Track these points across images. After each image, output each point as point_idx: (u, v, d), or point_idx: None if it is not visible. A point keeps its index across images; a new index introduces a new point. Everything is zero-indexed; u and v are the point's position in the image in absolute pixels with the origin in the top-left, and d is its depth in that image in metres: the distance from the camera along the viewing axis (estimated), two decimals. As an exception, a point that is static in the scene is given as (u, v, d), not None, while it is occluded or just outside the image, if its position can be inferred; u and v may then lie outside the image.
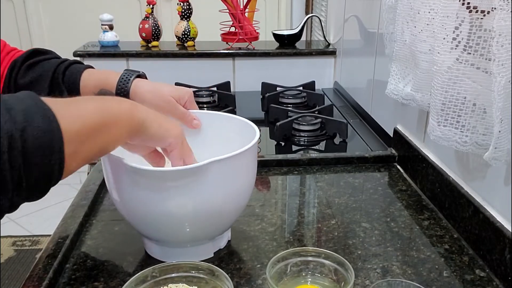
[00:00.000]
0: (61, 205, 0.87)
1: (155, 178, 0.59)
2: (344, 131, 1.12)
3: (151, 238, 0.68)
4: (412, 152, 0.93)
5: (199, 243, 0.67)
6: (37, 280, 0.61)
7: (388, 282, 0.57)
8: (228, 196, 0.63)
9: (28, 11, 3.08)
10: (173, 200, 0.60)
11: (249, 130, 0.71)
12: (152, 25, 1.60)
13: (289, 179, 0.96)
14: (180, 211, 0.61)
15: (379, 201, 0.86)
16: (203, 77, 1.54)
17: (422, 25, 0.71)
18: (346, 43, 1.53)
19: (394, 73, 0.86)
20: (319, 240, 0.74)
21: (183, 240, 0.66)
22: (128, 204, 0.63)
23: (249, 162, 0.65)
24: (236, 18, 1.62)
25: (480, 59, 0.60)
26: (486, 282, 0.64)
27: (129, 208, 0.64)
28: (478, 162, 0.72)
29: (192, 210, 0.61)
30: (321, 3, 2.06)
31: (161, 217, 0.61)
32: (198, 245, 0.67)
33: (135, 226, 0.66)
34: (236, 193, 0.65)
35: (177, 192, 0.59)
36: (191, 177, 0.58)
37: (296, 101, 1.41)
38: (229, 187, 0.63)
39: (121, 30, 1.74)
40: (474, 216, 0.70)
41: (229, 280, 0.56)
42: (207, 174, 0.59)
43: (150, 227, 0.64)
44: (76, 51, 1.55)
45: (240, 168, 0.63)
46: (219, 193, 0.61)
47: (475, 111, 0.64)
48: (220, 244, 0.70)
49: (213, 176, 0.59)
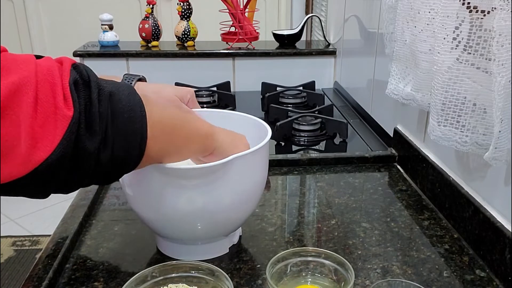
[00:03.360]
0: (61, 205, 0.86)
1: (179, 176, 0.59)
2: (344, 131, 1.12)
3: (165, 236, 0.68)
4: (412, 152, 0.93)
5: (215, 240, 0.68)
6: (37, 280, 0.61)
7: (388, 282, 0.57)
8: (246, 192, 0.65)
9: (28, 11, 3.08)
10: (191, 197, 0.61)
11: (256, 127, 0.71)
12: (152, 25, 1.60)
13: (289, 179, 0.96)
14: (197, 208, 0.61)
15: (379, 201, 0.86)
16: (203, 77, 1.54)
17: (422, 25, 0.71)
18: (346, 43, 1.53)
19: (394, 73, 0.86)
20: (319, 240, 0.74)
21: (198, 237, 0.67)
22: (143, 202, 0.63)
23: (264, 158, 0.67)
24: (236, 18, 1.62)
25: (480, 59, 0.60)
26: (486, 282, 0.64)
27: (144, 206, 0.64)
28: (478, 162, 0.72)
29: (210, 207, 0.62)
30: (321, 3, 2.06)
31: (177, 215, 0.62)
32: (214, 242, 0.68)
33: (150, 224, 0.66)
34: (253, 189, 0.66)
35: (196, 189, 0.60)
36: (213, 174, 0.59)
37: (296, 101, 1.41)
38: (247, 182, 0.64)
39: (121, 30, 1.74)
40: (474, 216, 0.70)
41: (229, 280, 0.56)
42: (229, 170, 0.60)
43: (165, 224, 0.65)
44: (76, 51, 1.55)
45: (259, 164, 0.65)
46: (237, 189, 0.63)
47: (475, 111, 0.63)
48: (233, 240, 0.71)
49: (233, 172, 0.60)
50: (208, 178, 0.60)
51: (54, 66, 0.42)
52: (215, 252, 0.69)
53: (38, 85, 0.40)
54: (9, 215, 2.55)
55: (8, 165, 0.38)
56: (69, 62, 0.44)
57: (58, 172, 0.42)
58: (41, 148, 0.40)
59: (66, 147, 0.41)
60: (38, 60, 0.42)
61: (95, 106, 0.43)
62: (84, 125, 0.42)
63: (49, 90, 0.40)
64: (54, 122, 0.40)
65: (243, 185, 0.63)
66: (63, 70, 0.42)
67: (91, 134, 0.43)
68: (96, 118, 0.43)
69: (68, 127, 0.41)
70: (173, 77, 1.51)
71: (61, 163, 0.41)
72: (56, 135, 0.40)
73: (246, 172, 0.63)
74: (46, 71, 0.41)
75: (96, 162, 0.44)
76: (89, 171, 0.45)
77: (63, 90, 0.41)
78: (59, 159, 0.41)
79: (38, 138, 0.39)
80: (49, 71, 0.41)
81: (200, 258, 0.65)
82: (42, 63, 0.42)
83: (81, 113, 0.42)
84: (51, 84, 0.41)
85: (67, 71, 0.43)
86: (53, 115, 0.40)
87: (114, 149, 0.45)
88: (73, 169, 0.43)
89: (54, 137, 0.40)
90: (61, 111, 0.40)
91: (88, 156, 0.43)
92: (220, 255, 0.69)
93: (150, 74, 0.94)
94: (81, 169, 0.44)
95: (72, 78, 0.42)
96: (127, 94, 0.47)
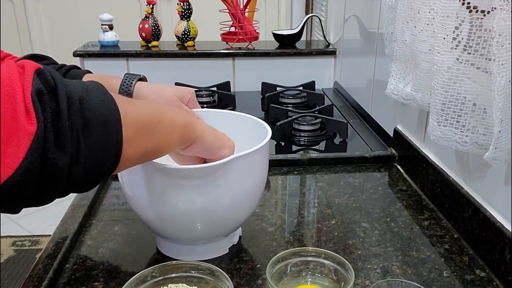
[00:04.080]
0: (61, 205, 0.86)
1: (179, 176, 0.59)
2: (344, 131, 1.12)
3: (165, 236, 0.68)
4: (412, 152, 0.93)
5: (215, 240, 0.68)
6: (37, 280, 0.61)
7: (388, 282, 0.57)
8: (245, 192, 0.64)
9: (28, 11, 3.08)
10: (191, 197, 0.61)
11: (256, 127, 0.71)
12: (152, 25, 1.60)
13: (289, 179, 0.96)
14: (197, 208, 0.61)
15: (379, 201, 0.86)
16: (203, 77, 1.54)
17: (422, 25, 0.71)
18: (346, 43, 1.53)
19: (394, 73, 0.86)
20: (319, 240, 0.74)
21: (198, 237, 0.67)
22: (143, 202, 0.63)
23: (264, 158, 0.67)
24: (236, 18, 1.62)
25: (480, 59, 0.60)
26: (486, 282, 0.64)
27: (144, 206, 0.64)
28: (478, 162, 0.72)
29: (210, 207, 0.61)
30: (321, 3, 2.06)
31: (177, 215, 0.62)
32: (214, 242, 0.68)
33: (150, 224, 0.66)
34: (253, 189, 0.66)
35: (195, 190, 0.60)
36: (213, 175, 0.59)
37: (296, 101, 1.41)
38: (247, 183, 0.64)
39: (121, 30, 1.74)
40: (474, 216, 0.70)
41: (229, 280, 0.56)
42: (229, 170, 0.60)
43: (165, 224, 0.65)
44: (76, 51, 1.55)
45: (258, 164, 0.65)
46: (237, 189, 0.63)
47: (475, 111, 0.63)
48: (233, 240, 0.71)
49: (233, 172, 0.60)
50: (207, 178, 0.60)
51: (15, 74, 0.38)
52: (215, 252, 0.69)
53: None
54: (9, 215, 2.54)
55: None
56: (32, 68, 0.40)
57: (24, 189, 0.39)
58: (4, 166, 0.37)
59: (30, 164, 0.38)
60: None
61: (64, 118, 0.39)
62: (52, 140, 0.39)
63: (8, 103, 0.37)
64: (16, 138, 0.37)
65: (243, 185, 0.63)
66: (25, 79, 0.39)
67: (60, 149, 0.39)
68: (65, 131, 0.39)
69: (31, 143, 0.37)
70: (173, 77, 1.51)
71: (26, 180, 0.38)
72: (19, 152, 0.37)
73: (246, 172, 0.63)
74: (5, 81, 0.37)
75: (68, 176, 0.41)
76: (60, 186, 0.42)
77: (25, 103, 0.37)
78: (23, 177, 0.38)
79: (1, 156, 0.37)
80: (8, 80, 0.37)
81: (200, 258, 0.65)
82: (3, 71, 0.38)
83: (47, 127, 0.38)
84: (10, 95, 0.37)
85: (29, 79, 0.39)
86: (15, 130, 0.37)
87: (86, 162, 0.42)
88: (42, 185, 0.40)
89: (16, 155, 0.37)
90: (22, 126, 0.37)
91: (58, 171, 0.40)
92: (220, 255, 0.69)
93: (150, 74, 0.94)
94: (51, 184, 0.41)
95: (34, 88, 0.38)
96: (100, 98, 0.43)
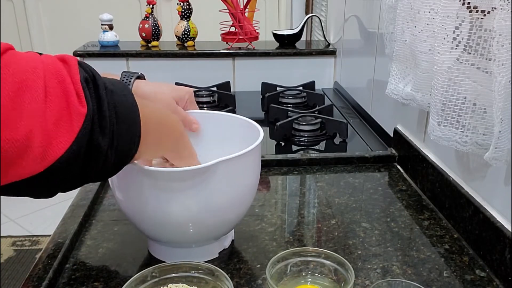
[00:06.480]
0: (61, 205, 0.86)
1: (163, 179, 0.59)
2: (344, 131, 1.11)
3: (155, 239, 0.67)
4: (412, 152, 0.93)
5: (205, 243, 0.67)
6: (37, 280, 0.61)
7: (388, 282, 0.57)
8: (235, 196, 0.63)
9: (28, 11, 3.08)
10: (180, 201, 0.60)
11: (250, 129, 0.70)
12: (152, 25, 1.60)
13: (289, 179, 0.96)
14: (186, 211, 0.60)
15: (379, 201, 0.86)
16: (203, 77, 1.54)
17: (422, 25, 0.71)
18: (346, 43, 1.53)
19: (394, 73, 0.86)
20: (319, 240, 0.74)
21: (188, 240, 0.66)
22: (133, 205, 0.63)
23: (255, 161, 0.65)
24: (236, 18, 1.62)
25: (480, 59, 0.60)
26: (486, 282, 0.64)
27: (134, 209, 0.63)
28: (478, 162, 0.72)
29: (198, 211, 0.61)
30: (321, 3, 2.06)
31: (166, 218, 0.61)
32: (204, 245, 0.67)
33: (139, 227, 0.66)
34: (242, 193, 0.65)
35: (184, 192, 0.59)
36: (199, 177, 0.58)
37: (296, 101, 1.41)
38: (235, 186, 0.63)
39: (121, 30, 1.74)
40: (474, 216, 0.70)
41: (229, 280, 0.56)
42: (215, 174, 0.59)
43: (155, 228, 0.64)
44: (76, 51, 1.55)
45: (247, 167, 0.64)
46: (225, 193, 0.61)
47: (475, 111, 0.63)
48: (225, 244, 0.70)
49: (220, 176, 0.59)
50: (194, 180, 0.58)
51: (58, 63, 0.43)
52: (205, 255, 0.67)
53: (46, 83, 0.40)
54: (9, 215, 2.55)
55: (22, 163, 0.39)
56: (74, 59, 0.45)
57: (72, 168, 0.43)
58: (56, 145, 0.40)
59: (81, 143, 0.42)
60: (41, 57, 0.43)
61: (105, 104, 0.44)
62: (97, 123, 0.43)
63: (58, 88, 0.41)
64: (68, 119, 0.41)
65: (233, 188, 0.62)
66: (70, 67, 0.43)
67: (102, 131, 0.44)
68: (106, 115, 0.44)
69: (83, 124, 0.42)
70: (173, 77, 1.51)
71: (76, 159, 0.42)
72: (72, 131, 0.41)
73: (235, 175, 0.61)
74: (53, 69, 0.41)
75: (105, 159, 0.45)
76: (97, 167, 0.46)
77: (75, 88, 0.42)
78: (74, 156, 0.42)
79: (52, 136, 0.40)
80: (55, 69, 0.42)
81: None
82: (46, 61, 0.42)
83: (94, 110, 0.43)
84: (60, 81, 0.41)
85: (76, 68, 0.43)
86: (67, 112, 0.41)
87: (118, 147, 0.47)
88: (84, 166, 0.44)
89: (69, 134, 0.41)
90: (75, 108, 0.41)
91: (100, 152, 0.44)
92: (210, 259, 0.68)
93: (150, 74, 0.94)
94: (91, 166, 0.45)
95: (82, 76, 0.43)
96: (123, 92, 0.48)
